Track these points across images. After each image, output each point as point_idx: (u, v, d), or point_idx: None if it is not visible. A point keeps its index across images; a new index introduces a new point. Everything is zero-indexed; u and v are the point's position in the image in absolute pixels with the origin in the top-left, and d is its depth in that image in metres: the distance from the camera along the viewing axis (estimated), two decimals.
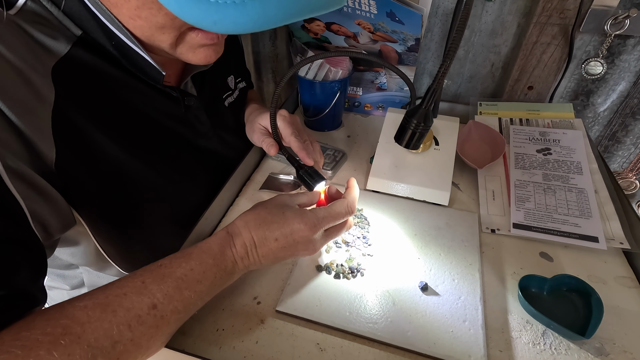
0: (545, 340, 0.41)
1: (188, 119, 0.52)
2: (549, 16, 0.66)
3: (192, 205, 0.55)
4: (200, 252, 0.39)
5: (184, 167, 0.53)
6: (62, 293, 0.66)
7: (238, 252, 0.40)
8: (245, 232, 0.41)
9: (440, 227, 0.54)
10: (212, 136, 0.56)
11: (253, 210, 0.44)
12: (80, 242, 0.49)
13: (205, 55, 0.41)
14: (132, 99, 0.44)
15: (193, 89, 0.52)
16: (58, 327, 0.29)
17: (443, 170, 0.59)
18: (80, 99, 0.39)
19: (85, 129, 0.39)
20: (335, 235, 0.46)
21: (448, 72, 0.46)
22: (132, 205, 0.47)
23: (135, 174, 0.45)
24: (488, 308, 0.45)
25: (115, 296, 0.33)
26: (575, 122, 0.69)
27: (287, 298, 0.45)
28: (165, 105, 0.48)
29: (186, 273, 0.36)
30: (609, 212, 0.55)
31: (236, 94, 0.63)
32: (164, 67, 0.43)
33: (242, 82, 0.65)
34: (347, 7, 0.62)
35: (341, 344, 0.41)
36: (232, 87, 0.62)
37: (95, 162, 0.41)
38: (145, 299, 0.33)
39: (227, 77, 0.61)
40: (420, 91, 0.87)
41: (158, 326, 0.34)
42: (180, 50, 0.40)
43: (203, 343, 0.41)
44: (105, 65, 0.40)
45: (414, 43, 0.65)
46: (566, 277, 0.45)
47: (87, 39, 0.38)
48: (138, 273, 0.36)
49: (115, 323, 0.31)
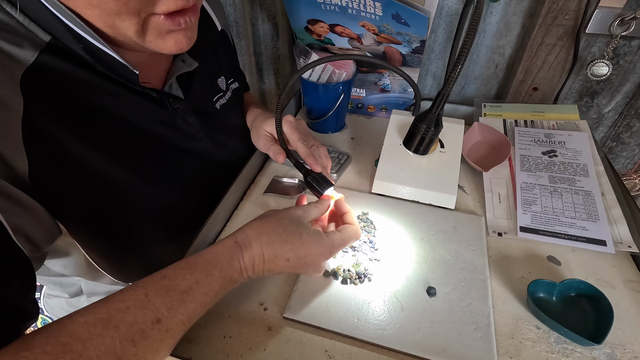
0: (555, 347, 0.41)
1: (175, 122, 0.50)
2: (555, 17, 0.66)
3: (185, 210, 0.53)
4: (206, 262, 0.37)
5: (173, 171, 0.51)
6: (61, 301, 0.65)
7: (245, 264, 0.39)
8: (257, 246, 0.39)
9: (446, 230, 0.54)
10: (202, 138, 0.55)
11: (267, 222, 0.42)
12: (70, 253, 0.48)
13: (175, 42, 0.39)
14: (109, 103, 0.42)
15: (179, 91, 0.50)
16: (58, 346, 0.28)
17: (449, 173, 0.59)
18: (53, 107, 0.37)
19: (60, 137, 0.38)
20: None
21: None
22: (117, 214, 0.46)
23: (117, 181, 0.44)
24: (497, 313, 0.44)
25: (118, 310, 0.32)
26: (580, 123, 0.69)
27: (294, 304, 0.44)
28: (148, 108, 0.46)
29: (191, 286, 0.35)
30: (616, 215, 0.54)
31: (228, 95, 0.61)
32: (146, 69, 0.42)
33: (235, 83, 0.64)
34: (351, 9, 0.61)
35: (350, 350, 0.41)
36: (223, 88, 0.60)
37: (74, 171, 0.40)
38: (149, 313, 0.32)
39: (217, 79, 0.59)
40: (423, 92, 0.87)
41: (163, 339, 0.33)
42: (149, 39, 0.38)
43: (210, 351, 0.41)
44: (77, 70, 0.39)
45: (419, 45, 0.64)
46: (575, 281, 0.44)
47: (56, 45, 0.37)
48: (140, 285, 0.34)
49: (118, 339, 0.30)
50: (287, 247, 0.40)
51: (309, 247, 0.41)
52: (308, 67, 0.47)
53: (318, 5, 0.63)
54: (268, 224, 0.41)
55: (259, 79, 0.98)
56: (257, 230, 0.40)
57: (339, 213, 0.49)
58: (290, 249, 0.40)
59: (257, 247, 0.39)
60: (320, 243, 0.41)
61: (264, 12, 0.85)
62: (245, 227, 0.42)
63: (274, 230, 0.40)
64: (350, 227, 0.46)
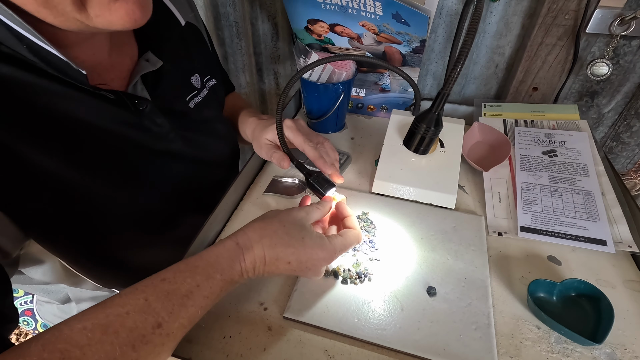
0: (555, 346, 0.41)
1: (142, 124, 0.47)
2: (555, 17, 0.66)
3: (166, 213, 0.52)
4: (207, 265, 0.37)
5: (145, 174, 0.49)
6: (53, 307, 0.65)
7: (247, 266, 0.38)
8: (258, 248, 0.39)
9: (446, 230, 0.54)
10: (174, 139, 0.52)
11: (269, 224, 0.41)
12: (45, 261, 0.47)
13: (126, 12, 0.35)
14: (62, 106, 0.40)
15: (145, 91, 0.48)
16: (56, 352, 0.28)
17: (449, 173, 0.59)
18: (0, 114, 0.35)
19: (11, 144, 0.36)
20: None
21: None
22: (88, 220, 0.44)
23: (82, 187, 0.42)
24: (497, 313, 0.44)
25: (117, 316, 0.31)
26: (580, 123, 0.69)
27: (294, 304, 0.44)
28: (108, 110, 0.43)
29: (192, 290, 0.35)
30: (616, 215, 0.54)
31: (204, 93, 0.58)
32: (106, 70, 0.40)
33: (212, 80, 0.60)
34: (351, 9, 0.61)
35: (350, 350, 0.41)
36: (198, 86, 0.57)
37: (32, 180, 0.38)
38: (149, 318, 0.32)
39: (189, 77, 0.56)
40: (423, 92, 0.87)
41: (164, 344, 0.33)
42: (95, 12, 0.34)
43: (210, 351, 0.41)
44: (23, 74, 0.36)
45: (419, 45, 0.64)
46: (576, 281, 0.44)
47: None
48: (140, 289, 0.34)
49: (118, 344, 0.30)
50: (290, 250, 0.40)
51: (312, 251, 0.40)
52: (308, 68, 0.47)
53: (318, 4, 0.63)
54: (270, 227, 0.41)
55: (259, 79, 0.98)
56: (259, 233, 0.40)
57: (341, 216, 0.49)
58: (292, 252, 0.40)
59: (258, 250, 0.39)
60: (322, 248, 0.41)
61: (264, 12, 0.85)
62: (247, 228, 0.41)
63: (276, 233, 0.40)
64: (351, 231, 0.46)
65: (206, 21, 0.87)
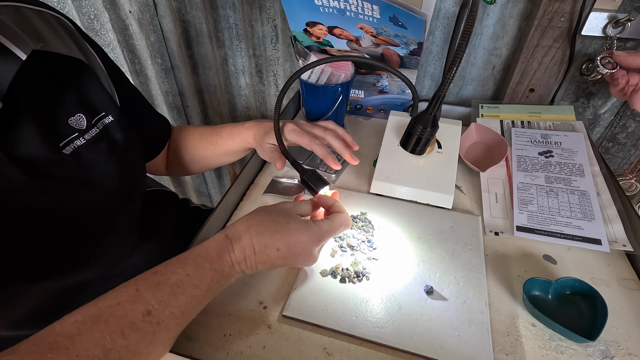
0: (550, 344, 0.42)
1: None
2: (550, 19, 0.66)
3: (51, 250, 0.44)
4: (196, 256, 0.38)
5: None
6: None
7: (236, 256, 0.40)
8: (246, 237, 0.40)
9: (444, 230, 0.54)
10: (32, 190, 0.41)
11: (256, 215, 0.43)
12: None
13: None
14: None
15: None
16: (45, 344, 0.29)
17: (446, 174, 0.60)
18: None
19: None
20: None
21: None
22: None
23: None
24: (493, 311, 0.45)
25: (108, 307, 0.32)
26: (576, 124, 0.70)
27: (293, 303, 0.45)
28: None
29: (182, 279, 0.36)
30: (611, 215, 0.55)
31: (92, 133, 0.47)
32: None
33: (108, 117, 0.49)
34: (349, 12, 0.62)
35: (348, 348, 0.41)
36: (81, 127, 0.46)
37: None
38: (139, 307, 0.33)
39: (67, 119, 0.45)
40: (421, 94, 0.88)
41: (155, 332, 0.33)
42: None
43: (210, 349, 0.41)
44: None
45: (416, 47, 0.65)
46: (571, 280, 0.45)
47: None
48: (132, 282, 0.35)
49: (107, 332, 0.31)
50: (277, 236, 0.41)
51: (298, 235, 0.41)
52: (308, 68, 0.48)
53: (316, 8, 0.63)
54: (257, 217, 0.42)
55: (259, 80, 0.98)
56: (246, 224, 0.41)
57: (325, 207, 0.50)
58: (279, 238, 0.41)
59: (246, 239, 0.40)
60: (308, 230, 0.42)
61: (264, 15, 0.86)
62: (236, 222, 0.43)
63: (262, 222, 0.41)
64: (339, 214, 0.46)
65: (206, 23, 0.87)
